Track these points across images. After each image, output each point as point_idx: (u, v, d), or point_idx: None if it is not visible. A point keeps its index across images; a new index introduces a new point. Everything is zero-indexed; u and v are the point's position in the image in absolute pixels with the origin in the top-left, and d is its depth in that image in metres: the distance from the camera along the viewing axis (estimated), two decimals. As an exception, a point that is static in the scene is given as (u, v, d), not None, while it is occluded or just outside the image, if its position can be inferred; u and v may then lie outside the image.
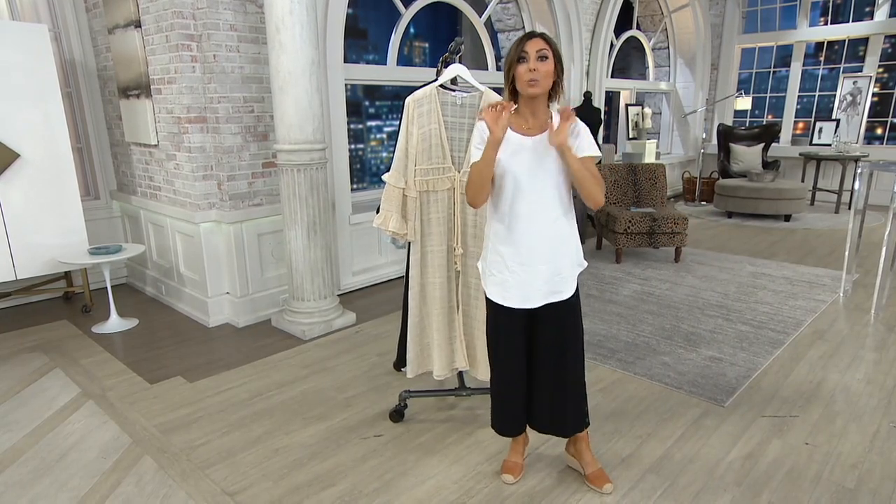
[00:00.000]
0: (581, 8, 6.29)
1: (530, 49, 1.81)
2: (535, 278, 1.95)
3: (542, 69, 1.80)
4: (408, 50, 11.52)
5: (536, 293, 1.96)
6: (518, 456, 2.26)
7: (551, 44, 1.84)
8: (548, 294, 1.97)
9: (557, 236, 1.94)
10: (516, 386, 2.12)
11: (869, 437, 2.47)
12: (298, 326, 3.63)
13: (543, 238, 1.93)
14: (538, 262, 1.93)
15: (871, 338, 3.52)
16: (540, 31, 1.87)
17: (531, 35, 1.85)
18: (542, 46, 1.81)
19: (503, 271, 1.98)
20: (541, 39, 1.83)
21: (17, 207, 3.72)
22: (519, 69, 1.82)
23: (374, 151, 13.15)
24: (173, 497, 2.15)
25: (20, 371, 3.22)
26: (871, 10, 7.84)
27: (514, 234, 1.94)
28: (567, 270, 1.98)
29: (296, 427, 2.61)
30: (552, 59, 1.83)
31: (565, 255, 1.97)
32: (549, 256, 1.94)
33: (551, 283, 1.96)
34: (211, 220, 3.76)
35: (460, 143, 2.40)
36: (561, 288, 1.98)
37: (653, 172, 5.54)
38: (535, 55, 1.80)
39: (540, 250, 1.93)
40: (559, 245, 1.95)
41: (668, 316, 3.90)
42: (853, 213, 4.35)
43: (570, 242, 1.98)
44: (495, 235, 2.00)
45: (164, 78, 3.68)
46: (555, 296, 1.98)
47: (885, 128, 8.13)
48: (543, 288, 1.96)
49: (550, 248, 1.94)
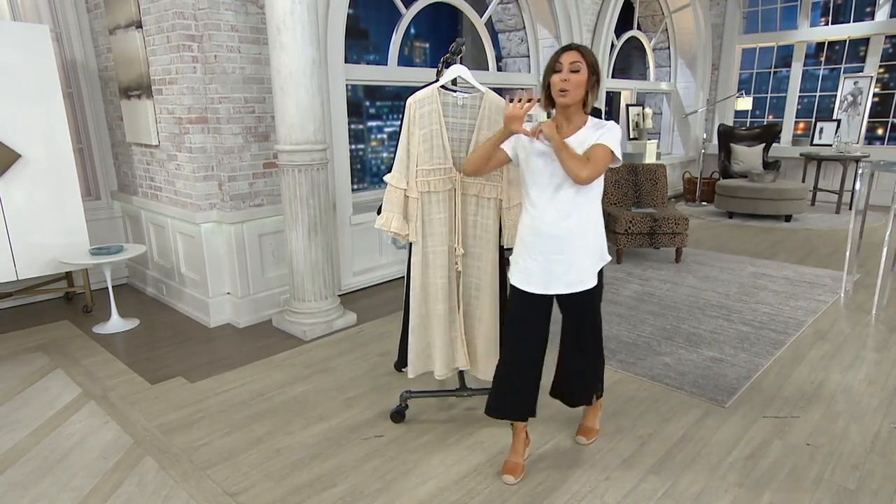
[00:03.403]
0: (581, 8, 6.29)
1: (565, 61, 1.95)
2: (556, 267, 2.06)
3: (573, 80, 1.94)
4: (408, 50, 11.52)
5: (557, 282, 2.08)
6: (519, 456, 2.27)
7: (587, 56, 1.96)
8: (569, 283, 2.09)
9: (575, 231, 2.04)
10: (526, 372, 2.20)
11: (870, 438, 2.47)
12: (299, 327, 3.63)
13: (561, 231, 2.04)
14: (556, 253, 2.05)
15: (872, 338, 3.52)
16: (578, 44, 2.00)
17: (568, 48, 1.98)
18: (575, 59, 1.94)
19: (527, 259, 2.10)
20: (576, 52, 1.96)
21: (19, 208, 3.72)
22: (553, 79, 1.97)
23: (375, 152, 13.16)
24: (175, 497, 2.15)
25: (21, 371, 3.22)
26: (871, 11, 7.84)
27: (535, 226, 2.07)
28: (587, 262, 2.09)
29: (297, 427, 2.61)
30: (586, 70, 1.95)
31: (584, 248, 2.07)
32: (566, 248, 2.05)
33: (572, 274, 2.08)
34: (212, 220, 3.77)
35: (461, 144, 2.40)
36: (582, 278, 2.10)
37: (653, 173, 5.54)
38: (569, 67, 1.94)
39: (558, 243, 2.05)
40: (577, 239, 2.05)
41: (669, 316, 3.90)
42: (854, 213, 4.35)
43: (590, 237, 2.08)
44: (522, 226, 2.14)
45: (165, 78, 3.68)
46: (576, 285, 2.10)
47: (885, 128, 8.12)
48: (564, 277, 2.08)
49: (568, 242, 2.05)
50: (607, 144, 1.96)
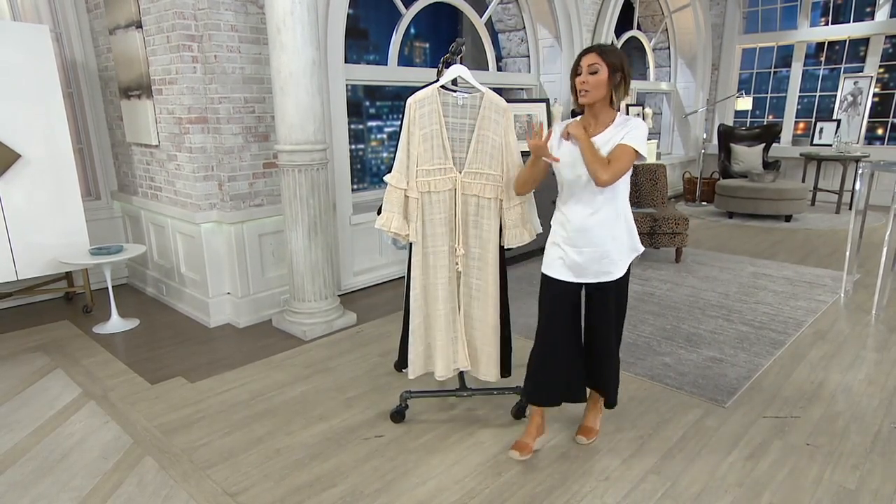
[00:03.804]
0: (581, 8, 6.28)
1: (584, 63, 2.06)
2: (583, 258, 2.18)
3: (591, 81, 2.05)
4: (408, 50, 11.52)
5: (585, 272, 2.20)
6: (529, 438, 2.36)
7: (605, 57, 2.05)
8: (597, 273, 2.20)
9: (601, 224, 2.15)
10: (558, 358, 2.30)
11: (870, 438, 2.47)
12: (299, 327, 3.63)
13: (587, 225, 2.15)
14: (584, 245, 2.17)
15: (872, 338, 3.52)
16: (598, 46, 2.10)
17: (587, 50, 2.09)
18: (593, 61, 2.05)
19: (558, 250, 2.24)
20: (594, 54, 2.06)
21: (19, 208, 3.72)
22: (575, 81, 2.09)
23: (375, 152, 13.16)
24: (174, 497, 2.15)
25: (21, 371, 3.22)
26: (871, 11, 7.84)
27: (565, 219, 2.21)
28: (616, 255, 2.19)
29: (297, 427, 2.61)
30: (605, 71, 2.04)
31: (611, 241, 2.17)
32: (593, 241, 2.16)
33: (600, 265, 2.19)
34: (212, 220, 3.77)
35: (462, 144, 2.40)
36: (610, 269, 2.20)
37: (653, 173, 5.53)
38: (587, 69, 2.05)
39: (585, 235, 2.16)
40: (603, 232, 2.15)
41: (669, 316, 3.90)
42: (854, 213, 4.35)
43: (617, 231, 2.17)
44: (555, 220, 2.28)
45: (165, 78, 3.68)
46: (604, 276, 2.21)
47: (885, 128, 8.12)
48: (592, 268, 2.19)
49: (595, 235, 2.16)
50: (630, 144, 2.04)
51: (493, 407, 2.75)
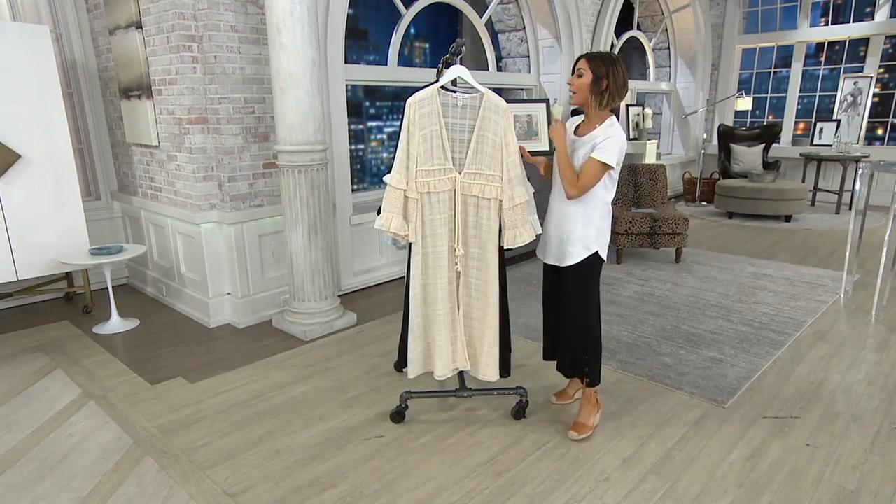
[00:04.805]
0: (581, 8, 6.28)
1: (575, 66, 2.34)
2: (550, 241, 2.51)
3: (576, 83, 2.33)
4: (408, 50, 11.51)
5: (549, 253, 2.53)
6: (572, 389, 2.77)
7: (592, 63, 2.28)
8: (558, 257, 2.48)
9: (565, 215, 2.42)
10: (546, 325, 2.73)
11: (870, 439, 2.47)
12: (299, 327, 3.63)
13: (555, 214, 2.47)
14: (551, 229, 2.49)
15: (871, 339, 3.52)
16: (591, 53, 2.35)
17: (581, 55, 2.34)
18: (581, 66, 2.31)
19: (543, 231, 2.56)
20: (584, 60, 2.31)
21: (19, 208, 3.72)
22: None
23: (375, 152, 13.15)
24: (174, 498, 2.15)
25: (21, 371, 3.22)
26: (871, 11, 7.84)
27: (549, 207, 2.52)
28: (571, 245, 2.42)
29: (297, 428, 2.61)
30: (590, 76, 2.28)
31: (569, 232, 2.41)
32: (556, 228, 2.46)
33: (559, 250, 2.46)
34: (212, 220, 3.77)
35: (461, 145, 2.40)
36: (565, 256, 2.44)
37: (653, 173, 5.54)
38: (576, 72, 2.32)
39: (552, 221, 2.48)
40: (565, 223, 2.42)
41: (669, 317, 3.90)
42: (854, 213, 4.35)
43: (576, 224, 2.39)
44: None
45: (165, 79, 3.68)
46: (561, 260, 2.46)
47: (885, 128, 8.12)
48: (554, 251, 2.49)
49: (558, 223, 2.45)
50: (599, 159, 2.24)
51: (493, 407, 2.75)
